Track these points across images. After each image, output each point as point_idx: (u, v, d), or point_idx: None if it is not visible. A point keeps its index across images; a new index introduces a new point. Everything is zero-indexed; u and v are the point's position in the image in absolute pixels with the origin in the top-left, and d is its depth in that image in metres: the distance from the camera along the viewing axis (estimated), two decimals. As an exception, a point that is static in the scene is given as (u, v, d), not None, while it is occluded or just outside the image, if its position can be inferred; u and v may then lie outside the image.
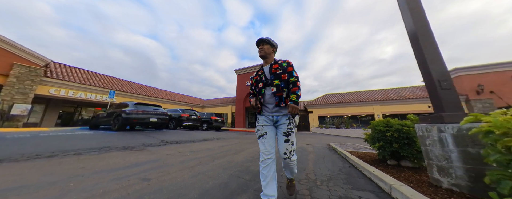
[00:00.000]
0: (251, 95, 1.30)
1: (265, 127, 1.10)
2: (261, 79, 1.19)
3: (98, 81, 11.41)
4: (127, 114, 4.83)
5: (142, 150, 2.61)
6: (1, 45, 7.31)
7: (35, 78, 7.97)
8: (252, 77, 1.32)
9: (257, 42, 1.23)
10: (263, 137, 1.08)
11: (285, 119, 1.08)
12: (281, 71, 1.13)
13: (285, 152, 1.05)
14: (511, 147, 0.65)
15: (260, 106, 1.17)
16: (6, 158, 1.78)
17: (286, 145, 1.05)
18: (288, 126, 1.06)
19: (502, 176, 0.64)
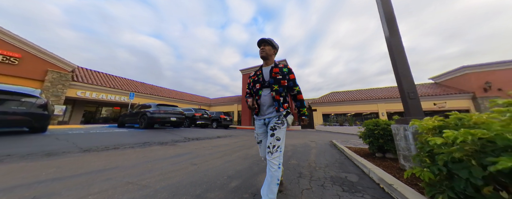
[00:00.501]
0: (248, 95, 1.31)
1: (260, 135, 1.18)
2: (259, 80, 1.19)
3: (116, 84, 12.39)
4: (151, 113, 5.53)
5: (174, 145, 3.24)
6: (37, 54, 8.27)
7: (65, 82, 8.95)
8: (250, 76, 1.31)
9: (258, 42, 1.21)
10: (259, 144, 1.20)
11: (275, 118, 1.10)
12: (281, 77, 1.13)
13: (268, 145, 1.02)
14: (423, 140, 1.14)
15: (256, 106, 1.18)
16: (91, 148, 2.45)
17: (271, 139, 1.02)
18: (276, 121, 1.07)
19: (419, 156, 1.14)
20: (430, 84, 13.88)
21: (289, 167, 2.02)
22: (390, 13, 2.21)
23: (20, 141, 2.60)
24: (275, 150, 0.98)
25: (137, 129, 5.69)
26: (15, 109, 2.80)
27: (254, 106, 1.17)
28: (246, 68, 17.23)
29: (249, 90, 1.30)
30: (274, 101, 1.10)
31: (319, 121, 15.70)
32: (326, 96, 17.63)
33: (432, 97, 11.56)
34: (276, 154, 0.97)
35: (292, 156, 2.64)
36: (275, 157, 0.97)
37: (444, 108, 10.95)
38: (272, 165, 0.96)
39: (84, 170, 1.57)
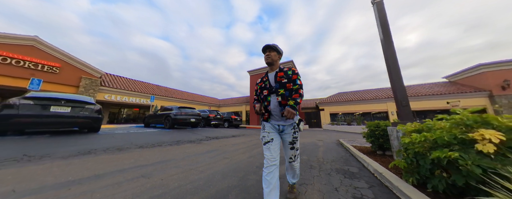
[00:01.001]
0: (256, 101, 1.34)
1: (271, 134, 1.13)
2: (266, 86, 1.21)
3: (136, 87, 13.55)
4: (174, 115, 6.25)
5: (201, 143, 3.84)
6: (73, 63, 9.44)
7: (95, 87, 10.10)
8: (257, 83, 1.33)
9: (263, 49, 1.23)
10: (269, 143, 1.10)
11: (290, 128, 1.12)
12: (286, 80, 1.14)
13: (290, 157, 1.17)
14: (403, 140, 1.57)
15: (264, 112, 1.19)
16: (143, 145, 3.11)
17: (291, 152, 1.15)
18: (293, 135, 1.12)
19: (400, 151, 1.57)
20: (444, 83, 13.45)
21: (301, 161, 2.50)
22: (387, 28, 2.59)
23: (88, 139, 3.34)
24: (296, 158, 1.20)
25: (163, 129, 6.45)
26: (81, 114, 3.56)
27: (261, 111, 1.20)
28: (253, 70, 17.72)
29: (257, 97, 1.33)
30: (281, 106, 1.12)
31: (327, 120, 15.84)
32: (334, 96, 17.65)
33: (445, 96, 11.28)
34: (297, 160, 1.21)
35: (303, 153, 3.11)
36: (297, 162, 1.22)
37: (458, 107, 10.65)
38: (296, 166, 1.23)
39: (153, 161, 2.18)
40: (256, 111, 1.22)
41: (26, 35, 8.05)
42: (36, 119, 3.00)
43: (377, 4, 2.75)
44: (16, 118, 2.83)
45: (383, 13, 2.67)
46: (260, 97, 1.27)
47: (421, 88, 13.65)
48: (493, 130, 0.94)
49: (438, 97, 11.56)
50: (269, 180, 0.98)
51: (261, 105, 1.23)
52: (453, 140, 1.08)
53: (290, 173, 1.26)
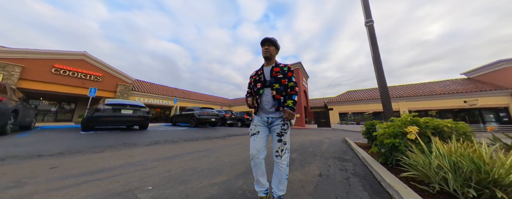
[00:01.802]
0: (248, 95, 1.32)
1: (258, 127, 1.15)
2: (260, 79, 1.21)
3: (159, 90, 15.28)
4: (198, 115, 7.36)
5: (225, 139, 4.76)
6: (111, 72, 11.21)
7: (128, 92, 11.82)
8: (251, 76, 1.32)
9: (262, 42, 1.20)
10: (255, 135, 1.12)
11: (280, 120, 1.12)
12: (281, 76, 1.15)
13: (277, 150, 1.08)
14: (377, 138, 2.27)
15: (256, 106, 1.20)
16: (187, 139, 4.12)
17: (278, 144, 1.08)
18: (282, 126, 1.10)
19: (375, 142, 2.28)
20: (461, 80, 12.88)
21: (307, 151, 3.27)
22: (376, 48, 3.22)
23: (146, 134, 4.46)
24: (283, 153, 1.07)
25: (189, 127, 7.61)
26: (138, 114, 4.74)
27: (254, 105, 1.20)
28: (262, 71, 18.45)
29: (250, 90, 1.32)
30: (275, 100, 1.12)
31: (336, 119, 16.07)
32: (342, 96, 17.70)
33: (462, 95, 10.93)
34: (284, 156, 1.07)
35: (310, 146, 3.86)
36: (284, 159, 1.07)
37: (476, 106, 10.30)
38: (281, 166, 1.06)
39: (202, 149, 3.13)
40: (249, 104, 1.23)
41: (77, 51, 9.88)
42: (114, 118, 4.22)
43: (369, 27, 3.39)
44: (103, 118, 4.06)
45: (374, 34, 3.30)
46: (253, 90, 1.26)
47: (436, 86, 13.23)
48: (416, 126, 1.65)
49: (455, 96, 11.24)
50: (256, 170, 1.07)
51: (253, 99, 1.23)
52: (398, 133, 1.80)
53: (276, 178, 1.09)
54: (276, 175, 1.10)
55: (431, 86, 13.57)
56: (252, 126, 1.19)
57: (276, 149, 1.09)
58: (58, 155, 2.20)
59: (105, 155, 2.28)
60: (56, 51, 9.23)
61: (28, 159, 1.98)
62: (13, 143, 2.83)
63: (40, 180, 1.37)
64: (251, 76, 1.32)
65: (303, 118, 14.52)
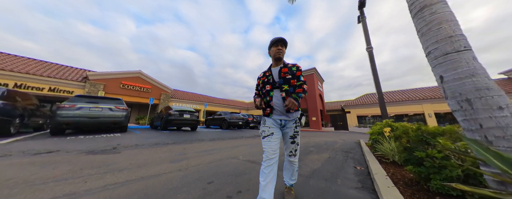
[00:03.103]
0: (256, 96, 1.33)
1: (271, 128, 1.13)
2: (269, 81, 1.20)
3: (189, 97, 17.93)
4: (229, 119, 8.98)
5: (255, 138, 6.13)
6: (156, 84, 14.03)
7: (168, 99, 14.49)
8: (259, 77, 1.31)
9: (275, 41, 1.18)
10: (268, 137, 1.10)
11: (292, 123, 1.13)
12: (290, 76, 1.15)
13: (291, 150, 1.15)
14: (367, 133, 3.31)
15: (265, 107, 1.20)
16: (230, 137, 5.64)
17: (292, 146, 1.14)
18: (294, 129, 1.13)
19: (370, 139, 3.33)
20: (500, 80, 11.84)
21: (322, 147, 4.36)
22: (375, 71, 4.22)
23: (198, 134, 6.15)
24: (297, 153, 1.18)
25: (222, 129, 9.30)
26: (193, 118, 6.53)
27: (262, 106, 1.21)
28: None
29: (258, 92, 1.32)
30: (284, 102, 1.10)
31: (354, 122, 16.11)
32: (361, 98, 17.59)
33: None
34: (297, 155, 1.19)
35: (324, 145, 4.92)
36: (297, 157, 1.19)
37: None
38: (295, 163, 1.19)
39: (245, 144, 4.54)
40: (256, 105, 1.21)
41: (135, 70, 12.88)
42: (180, 121, 6.06)
43: (369, 52, 4.41)
44: (174, 120, 5.92)
45: (373, 59, 4.31)
46: (262, 92, 1.26)
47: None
48: (389, 128, 2.72)
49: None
50: (267, 173, 0.99)
51: (261, 100, 1.23)
52: (379, 131, 2.88)
53: (288, 172, 1.21)
54: (288, 170, 1.22)
55: (461, 87, 12.75)
56: (264, 127, 1.17)
57: (290, 150, 1.15)
58: (173, 144, 3.85)
59: (196, 144, 3.86)
60: (121, 72, 12.34)
61: (165, 145, 3.66)
62: (139, 136, 4.71)
63: (190, 153, 2.91)
64: (258, 78, 1.32)
65: (319, 121, 15.07)
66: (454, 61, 0.97)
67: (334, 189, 1.47)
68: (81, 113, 4.19)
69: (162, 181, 1.52)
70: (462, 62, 0.94)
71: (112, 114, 4.74)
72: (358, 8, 5.10)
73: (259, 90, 1.32)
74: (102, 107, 4.58)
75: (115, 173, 1.68)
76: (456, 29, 1.01)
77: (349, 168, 2.18)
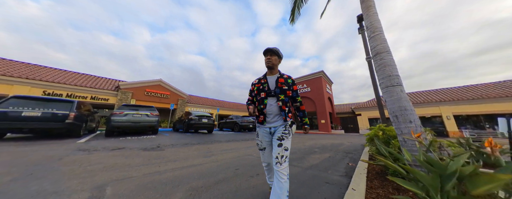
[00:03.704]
0: (250, 102, 1.38)
1: (263, 143, 1.23)
2: (264, 88, 1.25)
3: (203, 101, 19.31)
4: (241, 122, 9.78)
5: (266, 139, 6.80)
6: (174, 91, 15.55)
7: (185, 105, 15.89)
8: (254, 84, 1.35)
9: (265, 52, 1.27)
10: (262, 151, 1.25)
11: (282, 127, 1.15)
12: (286, 87, 1.22)
13: (276, 156, 1.04)
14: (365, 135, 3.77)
15: (258, 114, 1.25)
16: (244, 139, 6.40)
17: (278, 149, 1.05)
18: (283, 131, 1.13)
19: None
20: None
21: (326, 149, 4.84)
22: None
23: (215, 136, 7.01)
24: (283, 160, 1.01)
25: (234, 131, 10.12)
26: (209, 122, 7.45)
27: (255, 113, 1.24)
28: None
29: (252, 98, 1.36)
30: (281, 111, 1.17)
31: (365, 125, 15.85)
32: (373, 101, 17.24)
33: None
34: (284, 164, 0.99)
35: (330, 146, 5.36)
36: (284, 168, 0.99)
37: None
38: (282, 176, 0.97)
39: (250, 145, 5.23)
40: (250, 112, 1.24)
41: (156, 79, 14.54)
42: (199, 124, 7.00)
43: (368, 62, 4.86)
44: (195, 124, 6.87)
45: (373, 69, 4.75)
46: (256, 99, 1.30)
47: (487, 89, 11.65)
48: (381, 131, 3.21)
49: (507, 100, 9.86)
50: (268, 171, 1.32)
51: (255, 107, 1.27)
52: (374, 134, 3.37)
53: (275, 194, 0.96)
54: (275, 190, 0.97)
55: (485, 89, 11.98)
56: (257, 141, 1.25)
57: (275, 155, 1.04)
58: (198, 144, 4.70)
59: (217, 145, 4.65)
60: (145, 81, 14.08)
61: (193, 145, 4.52)
62: (170, 138, 5.69)
63: (214, 151, 3.69)
64: (253, 84, 1.36)
65: (328, 124, 15.13)
66: (390, 92, 1.57)
67: (323, 175, 2.08)
68: (127, 118, 5.30)
69: (205, 168, 2.28)
70: (394, 92, 1.54)
71: (148, 119, 5.81)
72: (357, 21, 5.59)
73: (252, 97, 1.36)
74: (141, 113, 5.67)
75: (172, 162, 2.50)
76: (394, 71, 1.60)
77: (342, 164, 2.74)
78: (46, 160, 2.35)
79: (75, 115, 4.36)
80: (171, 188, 1.52)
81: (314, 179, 1.92)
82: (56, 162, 2.26)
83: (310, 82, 17.51)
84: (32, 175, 1.75)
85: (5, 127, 3.51)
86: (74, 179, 1.67)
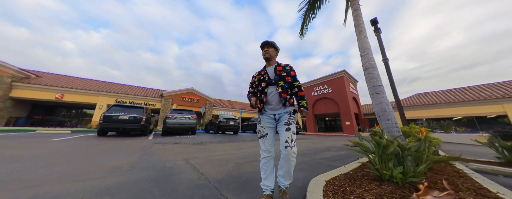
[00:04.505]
0: (251, 94, 1.41)
1: (266, 128, 1.23)
2: (264, 78, 1.32)
3: (227, 104, 21.30)
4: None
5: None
6: (202, 95, 17.95)
7: (211, 107, 18.05)
8: (255, 76, 1.42)
9: (262, 45, 1.35)
10: (264, 137, 1.21)
11: (287, 114, 1.20)
12: (285, 74, 1.28)
13: (286, 140, 1.11)
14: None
15: (260, 104, 1.28)
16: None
17: (287, 133, 1.13)
18: (289, 117, 1.19)
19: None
20: None
21: (343, 148, 5.14)
22: (391, 77, 4.75)
23: (240, 136, 8.08)
24: (293, 144, 1.10)
25: (255, 133, 11.05)
26: (235, 124, 8.61)
27: (257, 105, 1.27)
28: (306, 83, 19.98)
29: (253, 89, 1.42)
30: (281, 97, 1.22)
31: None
32: (410, 99, 15.34)
33: None
34: (295, 147, 1.09)
35: (347, 147, 5.61)
36: (294, 150, 1.09)
37: None
38: (293, 156, 1.09)
39: None
40: (252, 104, 1.27)
41: (189, 87, 17.21)
42: (227, 126, 8.24)
43: (385, 63, 4.98)
44: (223, 126, 8.15)
45: (389, 70, 4.85)
46: (257, 89, 1.37)
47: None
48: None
49: None
50: (265, 168, 1.16)
51: (256, 99, 1.29)
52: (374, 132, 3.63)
53: (284, 170, 1.13)
54: (283, 167, 1.12)
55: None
56: (260, 127, 1.26)
57: (285, 139, 1.11)
58: (229, 142, 5.78)
59: (243, 143, 5.62)
60: (181, 90, 16.94)
61: (225, 142, 5.63)
62: (206, 137, 7.07)
63: (243, 147, 4.63)
64: (253, 76, 1.43)
65: (354, 126, 14.26)
66: (375, 97, 2.09)
67: (328, 163, 2.68)
68: (176, 121, 6.94)
69: (240, 154, 3.21)
70: (378, 98, 2.06)
71: (190, 121, 7.36)
72: (371, 24, 5.73)
73: (253, 88, 1.42)
74: (185, 116, 7.27)
75: (216, 151, 3.54)
76: (378, 82, 2.11)
77: (351, 159, 3.20)
78: (144, 148, 3.77)
79: (145, 118, 6.14)
80: (224, 162, 2.48)
81: (321, 164, 2.57)
82: (150, 149, 3.62)
83: (331, 82, 16.95)
84: (146, 154, 3.04)
85: (112, 127, 5.43)
86: (170, 156, 2.86)
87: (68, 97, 12.28)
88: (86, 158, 2.48)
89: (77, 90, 12.63)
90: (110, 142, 4.59)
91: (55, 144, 3.99)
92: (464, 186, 1.37)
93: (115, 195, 1.27)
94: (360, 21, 2.52)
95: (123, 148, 3.60)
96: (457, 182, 1.49)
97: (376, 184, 1.37)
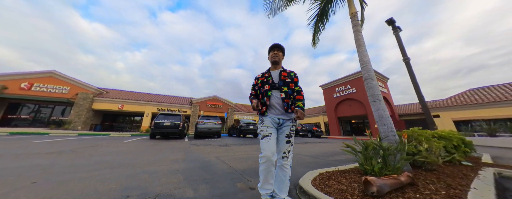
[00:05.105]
0: (253, 96, 1.42)
1: (270, 128, 1.21)
2: (268, 81, 1.32)
3: (244, 108, 22.44)
4: (280, 128, 11.10)
5: (306, 143, 7.54)
6: (225, 101, 19.63)
7: (233, 112, 19.45)
8: (258, 78, 1.42)
9: (272, 47, 1.35)
10: (267, 137, 1.18)
11: (289, 122, 1.21)
12: (289, 80, 1.30)
13: (284, 151, 1.16)
14: None
15: (262, 107, 1.28)
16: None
17: (286, 145, 1.17)
18: (290, 128, 1.20)
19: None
20: None
21: None
22: (415, 80, 4.54)
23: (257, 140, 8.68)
24: (289, 155, 1.16)
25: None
26: (255, 128, 9.29)
27: (258, 107, 1.28)
28: (325, 84, 19.24)
29: (255, 92, 1.42)
30: (284, 103, 1.23)
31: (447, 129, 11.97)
32: (460, 97, 12.91)
33: None
34: (290, 158, 1.15)
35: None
36: (289, 160, 1.15)
37: None
38: (287, 167, 1.14)
39: (301, 147, 6.27)
40: (253, 106, 1.29)
41: (213, 95, 19.29)
42: (247, 130, 9.02)
43: (406, 63, 4.80)
44: (244, 130, 8.97)
45: (411, 69, 4.65)
46: (259, 91, 1.36)
47: None
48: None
49: None
50: (265, 174, 1.13)
51: (258, 101, 1.31)
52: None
53: (279, 179, 1.16)
54: (279, 178, 1.15)
55: None
56: (263, 127, 1.23)
57: (283, 151, 1.15)
58: (250, 144, 6.46)
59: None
60: (206, 97, 19.20)
61: (247, 145, 6.35)
62: (230, 140, 8.00)
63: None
64: (256, 78, 1.44)
65: (386, 129, 12.81)
66: (375, 104, 2.34)
67: (337, 164, 2.97)
68: (205, 126, 8.17)
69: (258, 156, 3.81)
70: (376, 105, 2.31)
71: (216, 126, 8.49)
72: (388, 24, 5.58)
73: (256, 90, 1.40)
74: (212, 122, 8.44)
75: (240, 152, 4.25)
76: (376, 91, 2.36)
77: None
78: (184, 148, 4.83)
79: (182, 124, 7.53)
80: (245, 159, 3.14)
81: (330, 164, 2.92)
82: (189, 149, 4.64)
83: (354, 82, 15.81)
84: (188, 152, 4.00)
85: (160, 131, 6.95)
86: (205, 154, 3.73)
87: (126, 107, 15.82)
88: (152, 154, 3.59)
89: (132, 101, 16.14)
90: (160, 143, 5.95)
91: (128, 143, 5.55)
92: (443, 184, 1.58)
93: (183, 172, 2.12)
94: (359, 36, 2.82)
95: (171, 148, 4.75)
96: (450, 183, 1.66)
97: (358, 176, 1.73)
